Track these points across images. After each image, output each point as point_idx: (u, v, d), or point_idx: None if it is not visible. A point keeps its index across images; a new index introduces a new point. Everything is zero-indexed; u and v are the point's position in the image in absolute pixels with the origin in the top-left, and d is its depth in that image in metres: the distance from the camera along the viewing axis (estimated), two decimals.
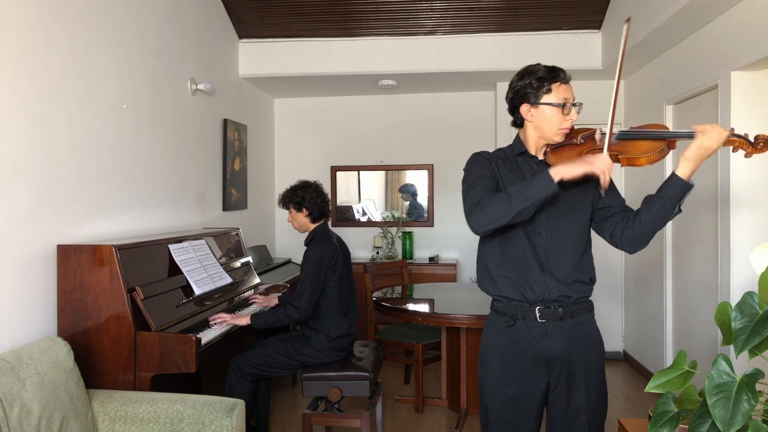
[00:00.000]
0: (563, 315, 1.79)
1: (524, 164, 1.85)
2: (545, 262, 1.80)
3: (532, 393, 1.82)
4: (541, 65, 1.79)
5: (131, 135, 3.05)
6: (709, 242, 3.43)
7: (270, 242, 5.51)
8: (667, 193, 1.68)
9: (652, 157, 1.68)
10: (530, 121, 1.81)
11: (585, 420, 1.81)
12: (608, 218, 1.83)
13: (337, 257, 3.01)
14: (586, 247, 1.86)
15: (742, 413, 1.14)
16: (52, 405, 1.93)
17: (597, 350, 1.85)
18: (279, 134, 5.73)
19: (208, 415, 2.14)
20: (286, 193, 3.13)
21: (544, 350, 1.79)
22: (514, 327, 1.82)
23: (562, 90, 1.76)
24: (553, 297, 1.79)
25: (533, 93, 1.77)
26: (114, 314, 2.38)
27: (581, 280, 1.82)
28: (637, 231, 1.75)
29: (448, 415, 3.73)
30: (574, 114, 1.76)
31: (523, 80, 1.79)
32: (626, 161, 1.71)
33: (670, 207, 1.68)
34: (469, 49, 4.57)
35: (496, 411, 1.85)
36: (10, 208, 2.20)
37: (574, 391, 1.80)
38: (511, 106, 1.85)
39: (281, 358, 2.95)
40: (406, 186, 5.61)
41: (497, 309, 1.88)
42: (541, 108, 1.77)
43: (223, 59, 4.36)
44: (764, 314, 1.22)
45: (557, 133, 1.78)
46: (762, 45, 2.79)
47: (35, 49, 2.34)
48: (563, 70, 1.79)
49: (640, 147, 1.70)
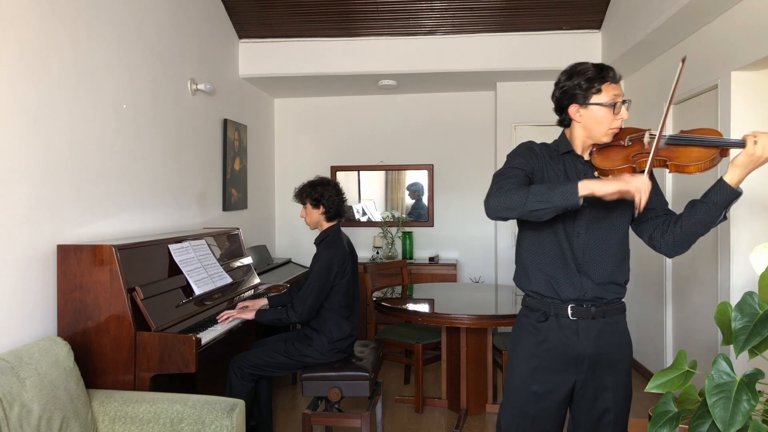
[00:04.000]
0: (595, 314, 1.78)
1: (569, 163, 1.83)
2: (582, 263, 1.78)
3: (557, 391, 1.81)
4: (589, 64, 1.75)
5: (131, 135, 3.05)
6: (709, 242, 3.43)
7: (270, 242, 5.51)
8: (712, 199, 1.64)
9: (702, 166, 1.61)
10: (579, 122, 1.78)
11: (611, 419, 1.80)
12: (650, 220, 1.81)
13: (348, 262, 3.00)
14: (625, 250, 1.84)
15: (742, 413, 1.14)
16: (52, 405, 1.93)
17: (625, 351, 1.85)
18: (279, 134, 5.73)
19: (208, 415, 2.14)
20: (303, 187, 3.06)
21: (574, 348, 1.78)
22: (545, 323, 1.81)
23: (612, 89, 1.72)
24: (588, 297, 1.78)
25: (582, 94, 1.73)
26: (114, 314, 2.38)
27: (617, 282, 1.82)
28: (678, 235, 1.72)
29: (448, 415, 3.73)
30: (624, 112, 1.73)
31: (571, 80, 1.75)
32: (675, 168, 1.64)
33: (715, 213, 1.65)
34: (469, 49, 4.57)
35: (518, 405, 1.84)
36: (10, 208, 2.20)
37: (601, 390, 1.80)
38: (558, 106, 1.82)
39: (281, 358, 2.95)
40: (414, 185, 5.60)
41: (529, 305, 1.87)
42: (591, 108, 1.74)
43: (223, 59, 4.36)
44: (764, 314, 1.22)
45: (606, 134, 1.75)
46: (762, 45, 2.79)
47: (35, 49, 2.34)
48: (612, 69, 1.75)
49: (690, 154, 1.63)
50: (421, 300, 3.88)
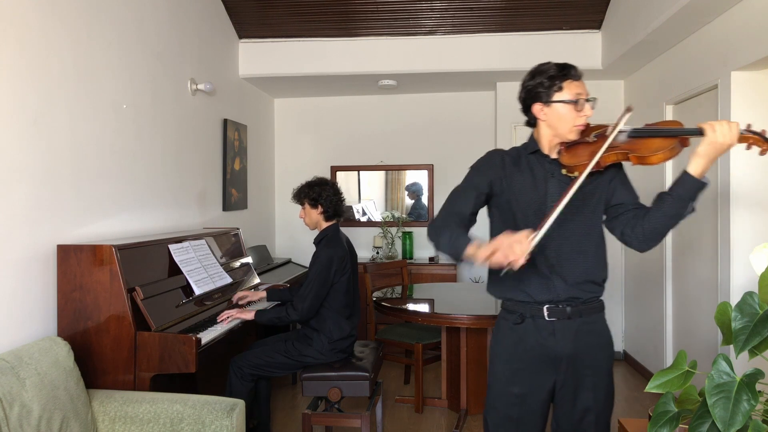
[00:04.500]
0: (572, 314, 1.78)
1: (536, 163, 1.84)
2: (555, 264, 1.79)
3: (538, 392, 1.81)
4: (551, 63, 1.77)
5: (131, 135, 3.05)
6: (709, 242, 3.43)
7: (270, 242, 5.51)
8: (677, 191, 1.65)
9: (663, 156, 1.63)
10: (543, 120, 1.79)
11: (592, 420, 1.80)
12: (620, 215, 1.81)
13: (347, 261, 3.00)
14: (599, 246, 1.84)
15: (742, 413, 1.14)
16: (52, 405, 1.93)
17: (605, 350, 1.84)
18: (279, 134, 5.73)
19: (208, 415, 2.14)
20: (301, 188, 3.10)
21: (552, 349, 1.79)
22: (522, 325, 1.82)
23: (574, 87, 1.74)
24: (561, 299, 1.79)
25: (545, 92, 1.75)
26: (114, 314, 2.38)
27: (593, 281, 1.82)
28: (647, 229, 1.73)
29: (448, 415, 3.73)
30: (588, 110, 1.74)
31: (534, 79, 1.77)
32: (637, 159, 1.66)
33: (682, 206, 1.66)
34: (469, 49, 4.56)
35: (501, 409, 1.85)
36: (10, 208, 2.20)
37: (581, 390, 1.80)
38: (524, 106, 1.84)
39: (281, 358, 2.95)
40: (413, 185, 5.60)
41: (506, 307, 1.88)
42: (553, 106, 1.75)
43: (223, 59, 4.36)
44: (764, 314, 1.22)
45: (571, 131, 1.76)
46: (762, 45, 2.79)
47: (35, 49, 2.34)
48: (574, 67, 1.77)
49: (651, 145, 1.65)
50: (421, 300, 3.88)
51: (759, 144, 1.59)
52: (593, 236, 1.82)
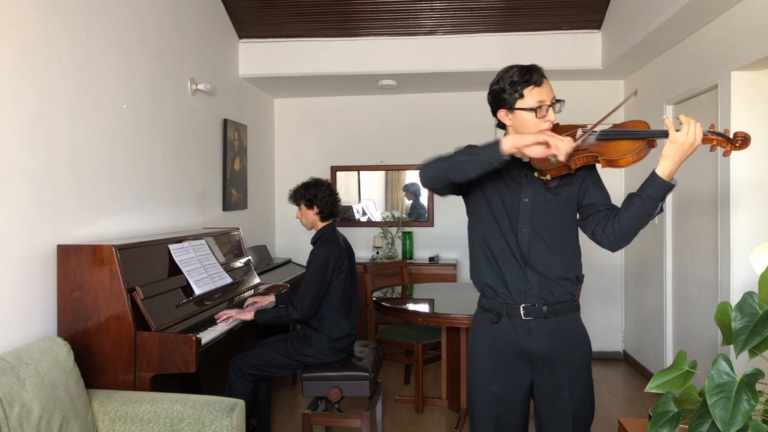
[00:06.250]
0: (547, 313, 1.80)
1: (511, 165, 1.82)
2: (528, 257, 1.80)
3: (515, 390, 1.83)
4: (515, 68, 1.76)
5: (131, 135, 3.05)
6: (709, 242, 3.43)
7: (270, 242, 5.51)
8: (646, 192, 1.66)
9: (631, 158, 1.63)
10: (510, 125, 1.81)
11: (570, 418, 1.81)
12: (592, 215, 1.82)
13: (344, 258, 3.01)
14: (571, 244, 1.86)
15: (742, 413, 1.14)
16: (52, 405, 1.93)
17: (581, 349, 1.85)
18: (279, 134, 5.72)
19: (208, 415, 2.14)
20: (297, 189, 3.14)
21: (528, 348, 1.80)
22: (498, 324, 1.83)
23: (535, 93, 1.73)
24: (534, 292, 1.80)
25: (508, 99, 1.75)
26: (114, 314, 2.38)
27: (567, 278, 1.83)
28: (617, 230, 1.74)
29: (448, 415, 3.73)
30: (551, 115, 1.74)
31: (498, 84, 1.78)
32: (606, 163, 1.66)
33: (651, 206, 1.66)
34: (469, 49, 4.56)
35: (481, 407, 1.87)
36: (10, 208, 2.20)
37: (558, 389, 1.81)
38: (492, 109, 1.85)
39: (281, 358, 2.95)
40: (412, 185, 5.60)
41: (483, 306, 1.90)
42: (516, 113, 1.76)
43: (223, 59, 4.36)
44: (764, 314, 1.22)
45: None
46: (762, 45, 2.79)
47: (35, 49, 2.34)
48: (537, 71, 1.75)
49: (619, 148, 1.65)
50: (421, 300, 3.88)
51: (722, 145, 1.59)
52: (567, 235, 1.84)
